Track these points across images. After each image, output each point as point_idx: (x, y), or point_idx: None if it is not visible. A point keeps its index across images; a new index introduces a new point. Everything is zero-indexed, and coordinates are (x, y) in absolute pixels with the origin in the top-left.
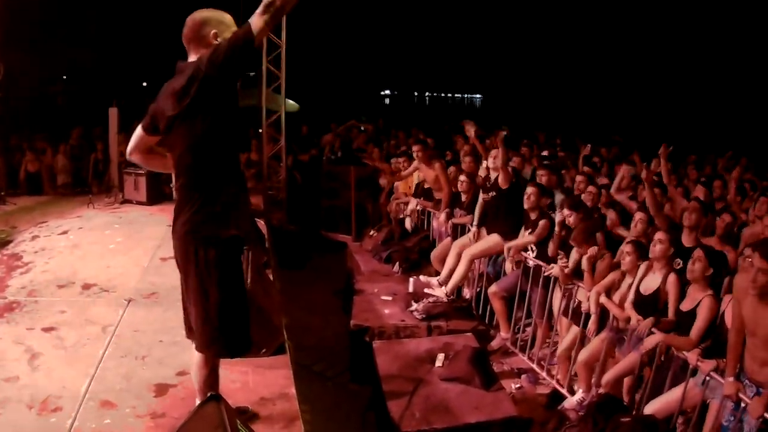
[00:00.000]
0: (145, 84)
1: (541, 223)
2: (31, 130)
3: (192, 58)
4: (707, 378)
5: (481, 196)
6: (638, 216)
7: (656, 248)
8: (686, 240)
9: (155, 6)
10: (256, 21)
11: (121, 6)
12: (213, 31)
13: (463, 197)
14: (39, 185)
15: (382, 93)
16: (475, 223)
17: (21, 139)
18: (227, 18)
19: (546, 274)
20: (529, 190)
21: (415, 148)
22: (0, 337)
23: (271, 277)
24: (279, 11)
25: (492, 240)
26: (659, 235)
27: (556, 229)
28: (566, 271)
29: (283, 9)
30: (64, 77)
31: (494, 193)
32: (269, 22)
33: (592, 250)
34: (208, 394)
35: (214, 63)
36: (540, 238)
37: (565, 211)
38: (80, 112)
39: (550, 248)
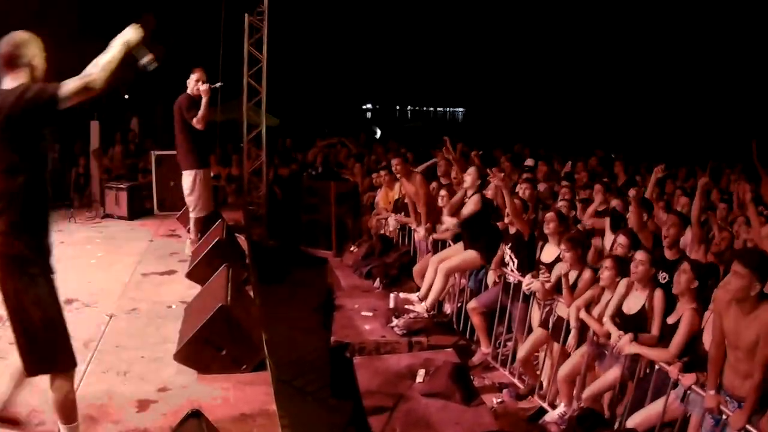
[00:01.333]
0: (126, 96)
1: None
2: None
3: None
4: (688, 392)
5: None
6: (620, 239)
7: (638, 270)
8: (669, 253)
9: (135, 17)
10: (67, 87)
11: (101, 17)
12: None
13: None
14: None
15: (364, 107)
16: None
17: None
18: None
19: (525, 289)
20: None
21: (394, 161)
22: None
23: (252, 293)
24: (89, 91)
25: (468, 255)
26: (639, 256)
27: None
28: (547, 286)
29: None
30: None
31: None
32: (78, 93)
33: (588, 273)
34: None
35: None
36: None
37: (562, 246)
38: (61, 125)
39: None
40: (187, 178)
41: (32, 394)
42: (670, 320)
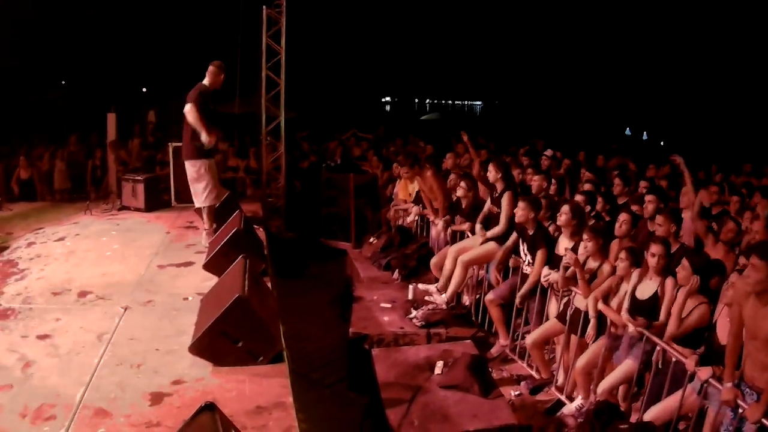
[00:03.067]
0: (144, 90)
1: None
2: (28, 135)
3: None
4: (705, 385)
5: (489, 207)
6: (622, 254)
7: (652, 261)
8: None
9: (155, 12)
10: None
11: (121, 12)
12: None
13: (463, 203)
14: (32, 192)
15: (383, 100)
16: (478, 224)
17: (18, 145)
18: None
19: (543, 281)
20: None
21: (401, 170)
22: None
23: (269, 285)
24: None
25: (487, 247)
26: (654, 249)
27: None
28: (568, 273)
29: None
30: (63, 82)
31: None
32: None
33: (607, 266)
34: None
35: None
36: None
37: (585, 236)
38: (79, 117)
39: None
40: (191, 168)
41: (42, 388)
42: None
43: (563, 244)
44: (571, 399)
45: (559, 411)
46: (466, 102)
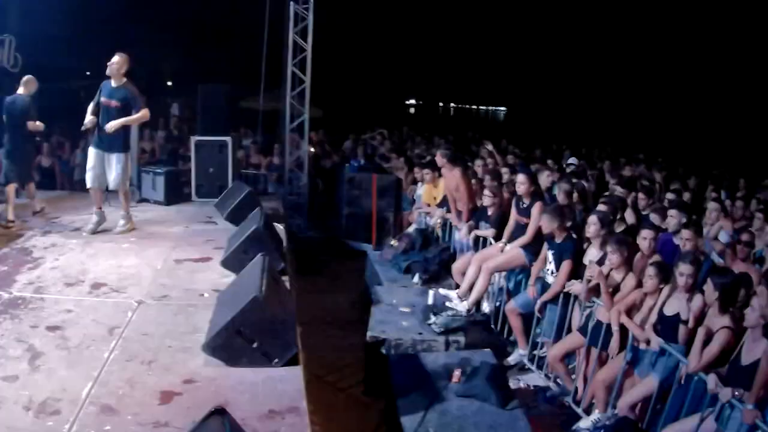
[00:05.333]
0: (169, 83)
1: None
2: (50, 124)
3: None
4: (725, 407)
5: (515, 217)
6: (650, 270)
7: (681, 279)
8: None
9: (179, 6)
10: None
11: (146, 5)
12: None
13: (489, 211)
14: (53, 180)
15: (407, 102)
16: (504, 240)
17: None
18: None
19: (567, 290)
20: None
21: (438, 153)
22: (2, 333)
23: (288, 284)
24: None
25: (512, 254)
26: (683, 268)
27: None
28: (590, 285)
29: None
30: (88, 73)
31: (527, 220)
32: None
33: (632, 279)
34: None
35: None
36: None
37: (609, 247)
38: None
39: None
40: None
41: (48, 381)
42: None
43: (591, 254)
44: (588, 412)
45: (575, 424)
46: (489, 108)
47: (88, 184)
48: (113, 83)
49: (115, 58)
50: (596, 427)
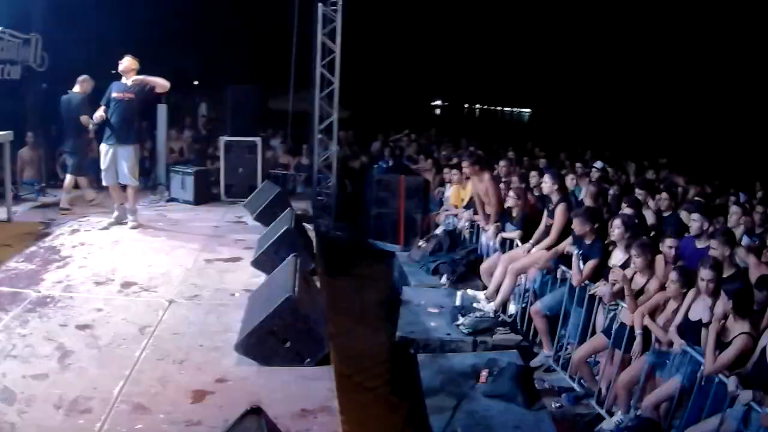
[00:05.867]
0: (196, 82)
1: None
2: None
3: None
4: (746, 409)
5: (546, 221)
6: (672, 275)
7: (702, 284)
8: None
9: (205, 6)
10: None
11: (173, 4)
12: None
13: (514, 213)
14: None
15: (433, 103)
16: (531, 242)
17: (63, 131)
18: None
19: (591, 292)
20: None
21: (464, 163)
22: (30, 332)
23: (318, 285)
24: None
25: (537, 256)
26: (704, 274)
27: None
28: (615, 288)
29: None
30: (114, 72)
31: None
32: None
33: (655, 282)
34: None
35: None
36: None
37: (633, 251)
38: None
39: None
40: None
41: (79, 380)
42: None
43: (617, 257)
44: (610, 413)
45: (598, 426)
46: (514, 109)
47: (105, 183)
48: (125, 80)
49: (127, 59)
50: (619, 428)
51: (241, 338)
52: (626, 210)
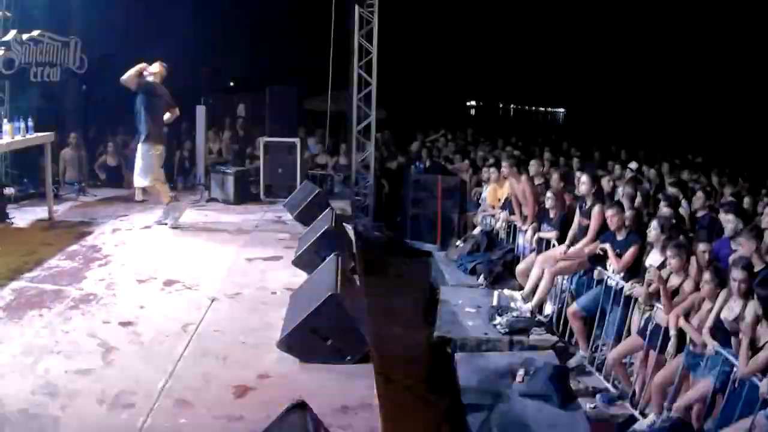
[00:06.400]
0: (232, 84)
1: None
2: (115, 123)
3: None
4: None
5: (579, 220)
6: (706, 275)
7: (734, 285)
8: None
9: (242, 7)
10: None
11: (210, 5)
12: None
13: (551, 213)
14: (120, 178)
15: (468, 104)
16: (567, 243)
17: (103, 131)
18: None
19: (628, 291)
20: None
21: (504, 164)
22: (73, 328)
23: (358, 283)
24: None
25: (574, 255)
26: (735, 274)
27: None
28: (651, 288)
29: None
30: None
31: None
32: None
33: (690, 283)
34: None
35: None
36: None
37: (669, 252)
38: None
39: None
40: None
41: (122, 376)
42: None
43: (652, 258)
44: (644, 414)
45: (632, 427)
46: (549, 109)
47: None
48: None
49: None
50: (652, 429)
51: (284, 335)
52: (663, 210)
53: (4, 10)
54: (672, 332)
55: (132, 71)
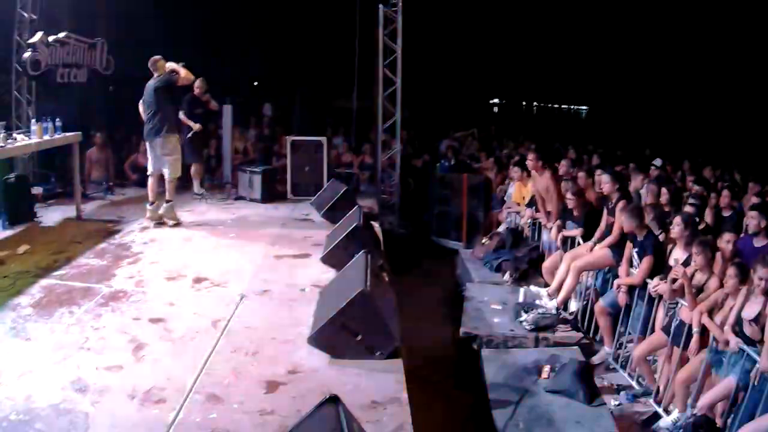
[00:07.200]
0: (256, 83)
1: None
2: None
3: None
4: None
5: (606, 218)
6: (730, 271)
7: (758, 282)
8: None
9: (266, 7)
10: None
11: (234, 6)
12: None
13: (575, 212)
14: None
15: (491, 101)
16: (595, 239)
17: (132, 133)
18: None
19: (652, 291)
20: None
21: (529, 156)
22: (104, 325)
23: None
24: None
25: (600, 253)
26: (762, 272)
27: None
28: (675, 286)
29: None
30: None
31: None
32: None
33: (715, 280)
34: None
35: None
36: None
37: (694, 249)
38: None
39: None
40: None
41: (153, 371)
42: None
43: (676, 255)
44: (667, 411)
45: (656, 423)
46: (571, 106)
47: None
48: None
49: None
50: (676, 427)
51: (314, 331)
52: (688, 207)
53: (29, 12)
54: (695, 329)
55: (177, 68)
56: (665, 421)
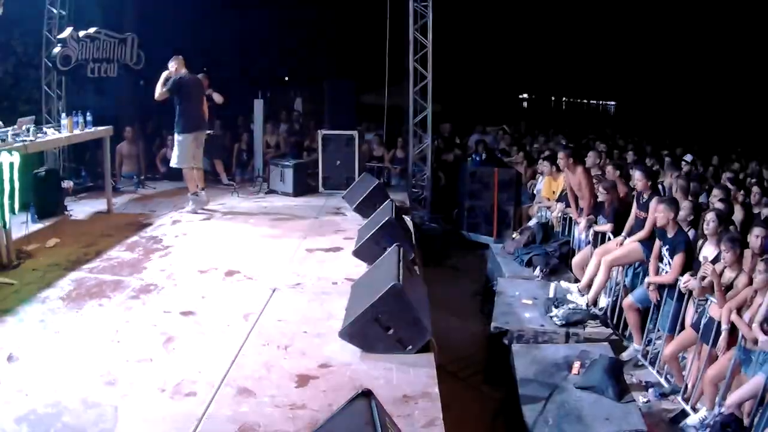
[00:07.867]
0: (286, 78)
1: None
2: (170, 118)
3: None
4: None
5: (635, 212)
6: (760, 266)
7: None
8: None
9: (298, 2)
10: None
11: (265, 2)
12: None
13: (605, 205)
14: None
15: (521, 96)
16: (624, 233)
17: (162, 127)
18: None
19: (682, 287)
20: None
21: (560, 154)
22: (134, 317)
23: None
24: None
25: (631, 248)
26: None
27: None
28: (704, 282)
29: None
30: (204, 69)
31: (646, 215)
32: None
33: (744, 277)
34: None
35: None
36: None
37: (722, 246)
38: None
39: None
40: None
41: (183, 364)
42: None
43: (707, 251)
44: (695, 409)
45: (683, 421)
46: (600, 102)
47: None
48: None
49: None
50: (703, 425)
51: (346, 325)
52: (717, 204)
53: (59, 9)
54: (724, 327)
55: (158, 86)
56: (693, 419)
